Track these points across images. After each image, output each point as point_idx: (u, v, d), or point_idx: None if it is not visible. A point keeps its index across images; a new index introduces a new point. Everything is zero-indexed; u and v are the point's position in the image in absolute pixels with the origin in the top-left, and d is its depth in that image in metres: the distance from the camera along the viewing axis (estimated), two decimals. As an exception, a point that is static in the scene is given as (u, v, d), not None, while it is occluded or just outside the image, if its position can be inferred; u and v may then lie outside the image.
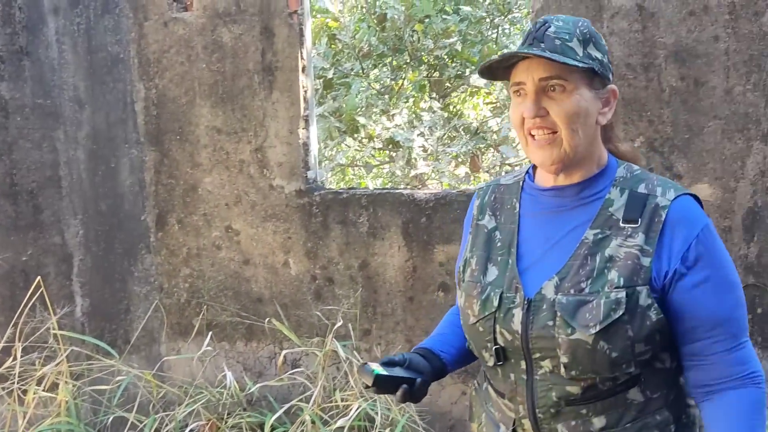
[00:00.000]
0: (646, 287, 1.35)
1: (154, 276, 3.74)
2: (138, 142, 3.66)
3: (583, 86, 1.41)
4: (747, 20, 2.89)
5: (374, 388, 1.47)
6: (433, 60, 5.16)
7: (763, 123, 2.93)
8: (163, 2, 3.53)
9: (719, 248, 1.40)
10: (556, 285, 1.40)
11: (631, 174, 1.47)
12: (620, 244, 1.38)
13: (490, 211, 1.59)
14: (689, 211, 1.40)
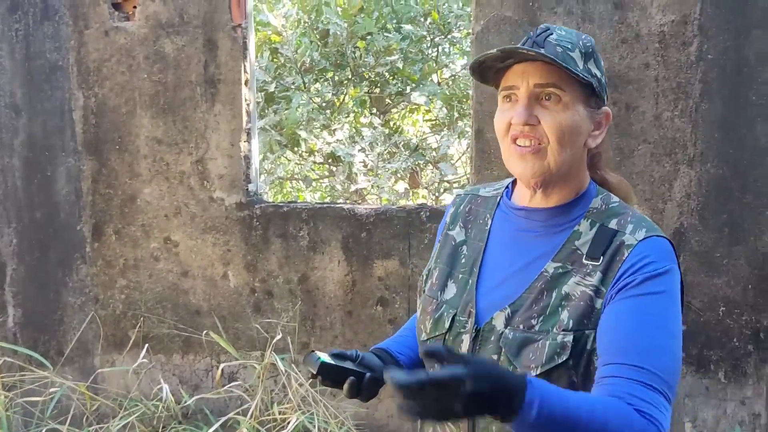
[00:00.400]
0: (594, 331, 1.25)
1: (89, 287, 3.69)
2: (76, 151, 3.61)
3: (579, 101, 1.32)
4: (675, 49, 3.03)
5: (319, 377, 1.39)
6: (374, 76, 5.23)
7: (690, 148, 3.07)
8: (104, 11, 3.50)
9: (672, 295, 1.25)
10: (507, 317, 1.32)
11: (607, 207, 1.36)
12: (578, 281, 1.28)
13: (462, 223, 1.51)
14: (654, 252, 1.26)
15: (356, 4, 4.81)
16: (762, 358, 3.12)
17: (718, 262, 3.10)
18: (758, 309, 3.10)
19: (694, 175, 3.08)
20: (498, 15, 3.15)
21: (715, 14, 2.98)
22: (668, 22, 3.02)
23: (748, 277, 3.08)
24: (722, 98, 3.02)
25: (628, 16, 3.05)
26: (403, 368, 1.52)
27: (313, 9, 5.01)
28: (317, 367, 1.38)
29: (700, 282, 3.13)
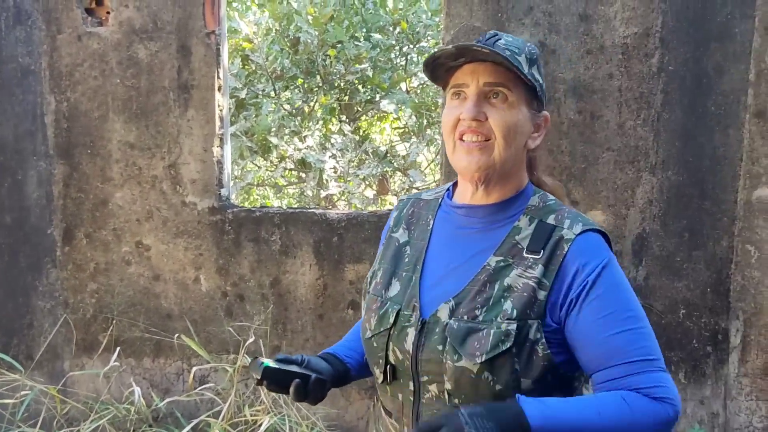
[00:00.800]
0: (538, 321, 1.31)
1: (59, 291, 3.68)
2: (47, 155, 3.62)
3: (523, 102, 1.39)
4: (638, 60, 3.14)
5: (265, 383, 1.41)
6: (344, 84, 5.29)
7: (652, 156, 3.18)
8: (77, 16, 3.51)
9: (617, 282, 1.34)
10: (451, 309, 1.36)
11: (544, 204, 1.43)
12: (520, 274, 1.34)
13: (405, 225, 1.56)
14: (591, 246, 1.35)
15: (327, 13, 4.87)
16: (720, 360, 3.23)
17: (679, 266, 3.21)
18: (716, 312, 3.21)
19: (655, 182, 3.19)
20: (467, 25, 3.24)
21: (676, 27, 3.10)
22: (631, 34, 3.13)
23: (706, 280, 3.20)
24: (682, 108, 3.13)
25: (593, 28, 3.15)
26: (350, 371, 1.58)
27: (284, 17, 5.06)
28: (261, 372, 1.40)
29: (662, 285, 3.23)
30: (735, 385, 3.22)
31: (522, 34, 3.19)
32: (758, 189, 3.11)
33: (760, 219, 3.12)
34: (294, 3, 5.05)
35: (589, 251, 1.33)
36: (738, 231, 3.15)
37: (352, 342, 1.65)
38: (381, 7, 5.35)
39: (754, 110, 3.07)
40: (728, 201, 3.16)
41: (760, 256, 3.13)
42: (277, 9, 5.03)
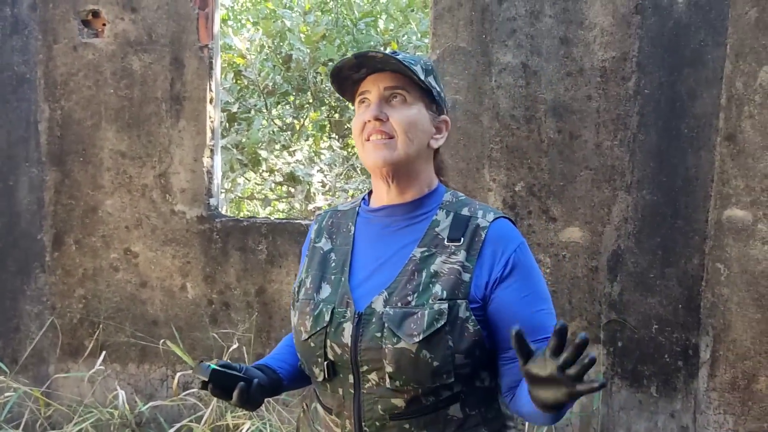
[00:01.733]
0: (465, 301, 1.42)
1: (47, 295, 3.75)
2: (39, 162, 3.70)
3: (421, 104, 1.52)
4: (615, 83, 3.26)
5: (210, 386, 1.45)
6: (334, 101, 5.40)
7: (627, 175, 3.29)
8: (74, 27, 3.61)
9: (532, 264, 1.50)
10: (385, 299, 1.45)
11: (456, 199, 1.57)
12: (444, 260, 1.46)
13: (326, 235, 1.64)
14: (506, 231, 1.50)
15: (319, 32, 4.99)
16: (690, 374, 3.33)
17: (652, 282, 3.31)
18: (687, 327, 3.31)
19: (631, 201, 3.30)
20: (453, 45, 3.35)
21: (652, 52, 3.22)
22: (609, 58, 3.26)
23: (678, 297, 3.30)
24: (657, 130, 3.25)
25: (573, 51, 3.27)
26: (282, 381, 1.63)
27: (276, 34, 5.17)
28: (209, 374, 1.43)
29: (635, 301, 3.33)
30: (704, 399, 3.32)
31: (505, 55, 3.31)
32: (728, 209, 3.22)
33: (730, 238, 3.23)
34: (287, 21, 5.16)
35: (505, 236, 1.49)
36: (709, 249, 3.26)
37: (281, 354, 1.72)
38: (372, 27, 5.47)
39: (725, 133, 3.20)
40: (700, 220, 3.27)
41: (729, 274, 3.24)
42: (271, 27, 5.14)
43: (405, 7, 5.70)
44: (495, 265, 1.46)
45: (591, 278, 3.37)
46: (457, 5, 3.34)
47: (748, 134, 3.16)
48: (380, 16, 5.85)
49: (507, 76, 3.33)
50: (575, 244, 3.36)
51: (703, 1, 3.16)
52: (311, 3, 5.79)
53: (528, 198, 3.36)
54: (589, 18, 3.26)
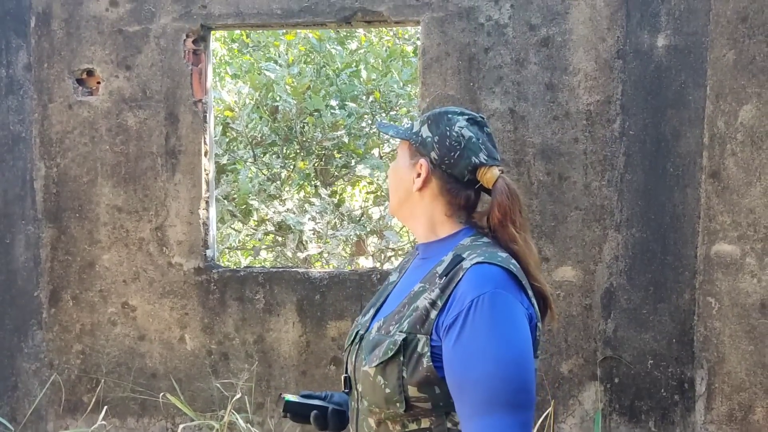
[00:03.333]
0: (426, 337, 1.44)
1: (44, 352, 3.74)
2: (35, 219, 3.72)
3: (404, 156, 1.66)
4: (601, 126, 3.37)
5: (288, 415, 1.65)
6: (320, 150, 5.49)
7: (617, 214, 3.38)
8: (69, 86, 3.67)
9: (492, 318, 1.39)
10: (379, 326, 1.57)
11: (472, 243, 1.56)
12: (426, 296, 1.50)
13: (399, 269, 1.80)
14: (478, 277, 1.44)
15: (305, 83, 5.09)
16: (687, 407, 3.38)
17: (645, 318, 3.38)
18: (682, 361, 3.38)
19: (621, 239, 3.39)
20: (442, 94, 3.45)
21: (635, 95, 3.34)
22: (594, 101, 3.37)
23: (671, 331, 3.37)
24: (644, 169, 3.35)
25: (559, 96, 3.39)
26: None
27: (263, 86, 5.27)
28: (282, 406, 1.65)
29: (630, 337, 3.40)
30: (702, 431, 3.37)
31: (493, 101, 3.41)
32: (716, 244, 3.31)
33: (719, 272, 3.32)
34: (271, 74, 5.27)
35: (474, 282, 1.43)
36: (699, 284, 3.35)
37: None
38: (355, 77, 5.59)
39: (709, 171, 3.31)
40: (689, 256, 3.36)
41: (720, 307, 3.32)
42: (257, 79, 5.24)
43: (386, 58, 5.84)
44: (452, 311, 1.43)
45: (585, 316, 3.44)
46: (444, 55, 3.45)
47: (731, 171, 3.27)
48: (361, 66, 5.99)
49: (495, 121, 3.43)
50: (569, 283, 3.43)
51: (681, 45, 3.30)
52: (294, 55, 5.91)
53: (521, 239, 3.43)
54: (572, 64, 3.38)
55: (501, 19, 3.41)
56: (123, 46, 3.62)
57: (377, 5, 3.47)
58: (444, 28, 3.45)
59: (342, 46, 5.91)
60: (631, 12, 3.34)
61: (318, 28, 3.73)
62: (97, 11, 3.63)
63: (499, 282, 1.44)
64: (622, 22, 3.35)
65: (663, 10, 3.32)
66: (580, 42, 3.38)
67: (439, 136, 1.61)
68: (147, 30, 3.61)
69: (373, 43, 6.46)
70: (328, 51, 5.73)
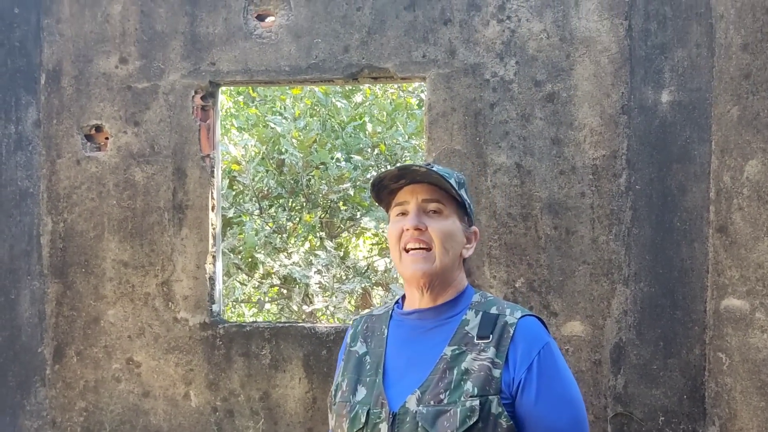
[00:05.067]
0: (497, 396, 1.47)
1: (47, 410, 3.70)
2: (41, 274, 3.71)
3: (455, 216, 1.61)
4: (607, 180, 3.38)
5: None
6: (326, 203, 5.51)
7: (624, 268, 3.37)
8: (77, 142, 3.70)
9: (559, 364, 1.53)
10: (418, 398, 1.50)
11: (485, 299, 1.63)
12: (474, 357, 1.50)
13: (362, 339, 1.71)
14: (533, 330, 1.55)
15: (311, 137, 5.14)
16: (701, 465, 3.32)
17: (656, 374, 3.35)
18: (693, 418, 3.33)
19: (629, 294, 3.37)
20: (448, 148, 3.47)
21: (640, 150, 3.36)
22: (600, 156, 3.39)
23: (682, 387, 3.33)
24: (651, 224, 3.35)
25: (565, 150, 3.40)
26: None
27: (270, 140, 5.32)
28: None
29: (641, 393, 3.36)
30: (717, 490, 3.31)
31: (499, 156, 3.43)
32: (725, 299, 3.29)
33: (729, 327, 3.29)
34: (278, 127, 5.32)
35: (530, 336, 1.53)
36: (709, 339, 3.32)
37: None
38: (360, 130, 5.65)
39: (716, 225, 3.30)
40: (698, 311, 3.33)
41: (731, 363, 3.29)
42: (263, 132, 5.29)
43: (391, 111, 5.90)
44: (519, 366, 1.50)
45: (595, 372, 3.40)
46: (450, 110, 3.48)
47: (738, 226, 3.27)
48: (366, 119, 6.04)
49: (502, 176, 3.44)
50: (577, 338, 3.41)
51: (686, 101, 3.32)
52: (300, 109, 5.97)
53: (529, 294, 3.42)
54: (578, 119, 3.41)
55: (506, 75, 3.45)
56: (132, 102, 3.66)
57: (384, 62, 3.52)
58: (450, 84, 3.48)
59: (347, 100, 5.97)
60: (635, 68, 3.38)
61: (325, 84, 3.77)
62: (107, 68, 3.68)
63: (545, 332, 1.57)
64: (626, 78, 3.38)
65: (667, 67, 3.35)
66: (585, 98, 3.40)
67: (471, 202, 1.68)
68: (156, 86, 3.65)
69: (378, 96, 6.53)
70: (334, 104, 5.79)
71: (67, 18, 3.71)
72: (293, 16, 3.56)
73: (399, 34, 3.50)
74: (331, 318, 5.49)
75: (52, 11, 3.72)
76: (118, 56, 3.67)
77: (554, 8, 3.41)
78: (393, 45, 3.51)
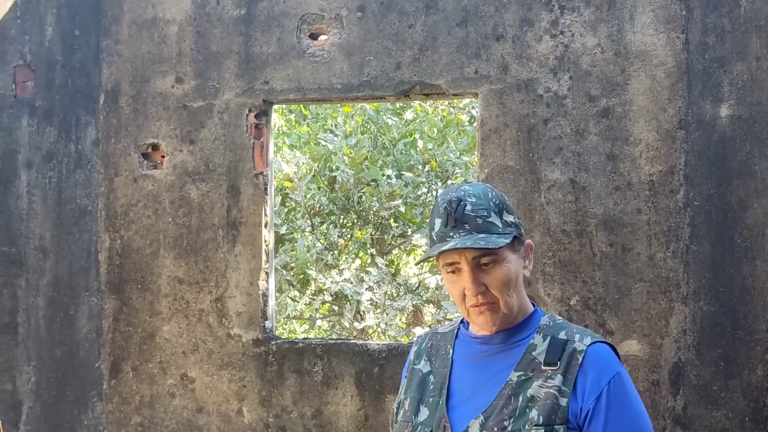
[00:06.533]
0: (563, 426, 1.43)
1: (103, 425, 3.75)
2: (99, 291, 3.78)
3: (509, 253, 1.53)
4: (664, 196, 3.31)
5: None
6: (377, 220, 5.53)
7: (683, 286, 3.29)
8: (134, 160, 3.77)
9: (630, 395, 1.48)
10: (481, 423, 1.47)
11: (554, 323, 1.58)
12: (541, 385, 1.46)
13: (426, 357, 1.68)
14: (603, 357, 1.50)
15: (362, 154, 5.17)
16: (765, 491, 3.21)
17: (716, 395, 3.25)
18: (758, 441, 3.22)
19: (688, 312, 3.28)
20: (501, 164, 3.45)
21: (698, 165, 3.28)
22: (656, 172, 3.32)
23: (744, 409, 3.23)
24: (710, 241, 3.27)
25: (620, 166, 3.35)
26: None
27: (321, 157, 5.37)
28: None
29: (701, 415, 3.26)
30: None
31: (553, 172, 3.39)
32: (790, 318, 3.19)
33: (794, 348, 3.18)
34: (330, 144, 5.37)
35: (600, 363, 1.49)
36: (773, 360, 3.21)
37: None
38: (411, 147, 5.65)
39: (780, 242, 3.21)
40: (760, 330, 3.23)
41: (797, 384, 3.18)
42: (315, 150, 5.34)
43: (442, 128, 5.89)
44: (588, 396, 1.45)
45: (653, 392, 3.32)
46: (503, 126, 3.46)
47: (803, 242, 3.17)
48: (416, 136, 6.05)
49: (556, 192, 3.40)
50: (635, 357, 3.33)
51: (746, 115, 3.24)
52: (351, 126, 6.01)
53: (584, 312, 3.36)
54: (633, 134, 3.35)
55: (560, 90, 3.41)
56: (187, 121, 3.72)
57: (435, 79, 3.51)
58: (502, 99, 3.46)
59: (398, 117, 5.99)
60: (692, 83, 3.31)
61: (377, 101, 3.79)
62: (163, 88, 3.75)
63: (617, 360, 1.53)
64: (683, 92, 3.32)
65: (725, 81, 3.28)
66: (641, 112, 3.35)
67: (515, 216, 1.60)
68: (211, 105, 3.70)
69: (429, 113, 6.53)
70: (385, 122, 5.81)
71: (125, 39, 3.79)
72: (345, 34, 3.59)
73: (451, 51, 3.50)
74: (383, 335, 5.49)
75: (110, 33, 3.81)
76: (174, 76, 3.74)
77: (608, 22, 3.37)
78: (445, 61, 3.51)
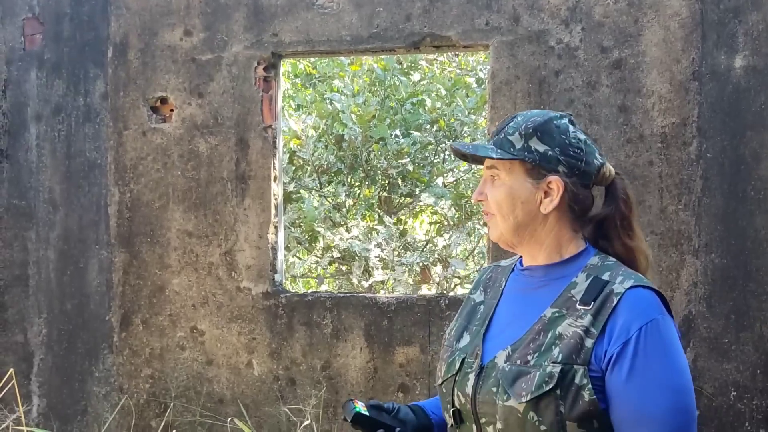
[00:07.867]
0: (584, 367, 1.38)
1: (114, 376, 3.78)
2: (108, 244, 3.79)
3: (518, 176, 1.50)
4: (677, 148, 3.28)
5: (352, 424, 1.58)
6: (385, 179, 5.51)
7: (694, 239, 3.27)
8: (143, 114, 3.75)
9: (664, 347, 1.38)
10: (507, 355, 1.47)
11: (603, 263, 1.51)
12: (570, 323, 1.43)
13: (482, 288, 1.70)
14: (640, 302, 1.41)
15: (370, 112, 5.13)
16: (774, 442, 3.22)
17: (727, 347, 3.25)
18: (767, 393, 3.22)
19: (699, 265, 3.27)
20: (512, 117, 3.41)
21: (712, 117, 3.25)
22: (669, 124, 3.29)
23: (755, 362, 3.23)
24: (722, 193, 3.25)
25: (632, 118, 3.32)
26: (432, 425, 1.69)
27: (329, 115, 5.34)
28: (351, 416, 1.58)
29: (711, 367, 3.27)
30: (790, 468, 3.20)
31: (564, 124, 3.35)
32: (801, 270, 3.18)
33: (805, 300, 3.17)
34: (337, 104, 5.33)
35: (637, 308, 1.40)
36: (784, 312, 3.21)
37: (437, 400, 1.76)
38: (420, 106, 5.62)
39: (793, 194, 3.18)
40: (772, 283, 3.22)
41: (807, 337, 3.17)
42: (322, 108, 5.31)
43: (450, 87, 5.85)
44: (615, 339, 1.39)
45: (663, 345, 3.31)
46: (514, 78, 3.43)
47: (816, 194, 3.15)
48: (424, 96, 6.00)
49: (567, 145, 3.36)
50: (644, 310, 3.32)
51: (761, 66, 3.20)
52: (359, 85, 5.96)
53: (594, 265, 3.35)
54: (646, 86, 3.31)
55: (572, 42, 3.37)
56: (196, 74, 3.70)
57: (446, 30, 3.47)
58: (513, 51, 3.42)
59: (406, 77, 5.94)
60: (706, 33, 3.26)
61: (387, 53, 3.75)
62: (172, 41, 3.72)
63: (658, 308, 1.43)
64: (697, 43, 3.27)
65: (740, 31, 3.23)
66: (654, 64, 3.31)
67: (560, 147, 1.53)
68: (219, 58, 3.67)
69: (437, 74, 6.48)
70: (392, 82, 5.76)
71: (132, -9, 3.76)
72: (355, -16, 3.54)
73: (462, 2, 3.46)
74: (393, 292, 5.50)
75: (118, -16, 3.77)
76: (183, 29, 3.71)
77: (622, -28, 3.32)
78: (455, 13, 3.46)
